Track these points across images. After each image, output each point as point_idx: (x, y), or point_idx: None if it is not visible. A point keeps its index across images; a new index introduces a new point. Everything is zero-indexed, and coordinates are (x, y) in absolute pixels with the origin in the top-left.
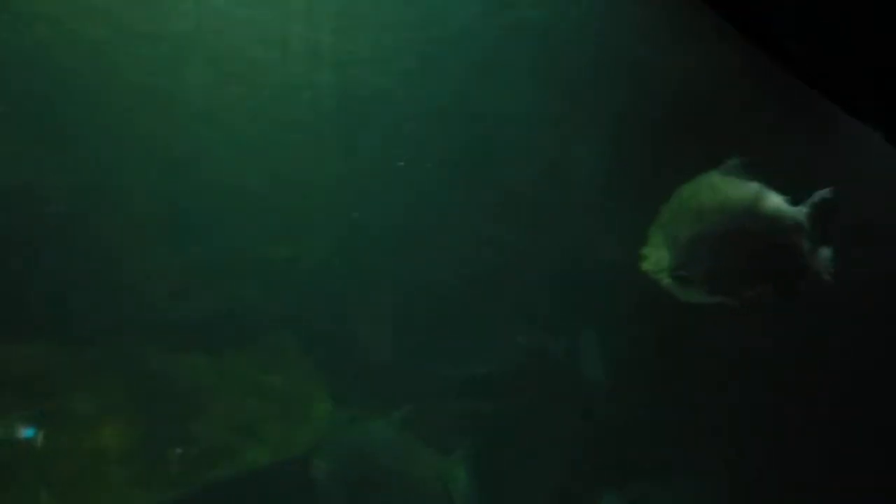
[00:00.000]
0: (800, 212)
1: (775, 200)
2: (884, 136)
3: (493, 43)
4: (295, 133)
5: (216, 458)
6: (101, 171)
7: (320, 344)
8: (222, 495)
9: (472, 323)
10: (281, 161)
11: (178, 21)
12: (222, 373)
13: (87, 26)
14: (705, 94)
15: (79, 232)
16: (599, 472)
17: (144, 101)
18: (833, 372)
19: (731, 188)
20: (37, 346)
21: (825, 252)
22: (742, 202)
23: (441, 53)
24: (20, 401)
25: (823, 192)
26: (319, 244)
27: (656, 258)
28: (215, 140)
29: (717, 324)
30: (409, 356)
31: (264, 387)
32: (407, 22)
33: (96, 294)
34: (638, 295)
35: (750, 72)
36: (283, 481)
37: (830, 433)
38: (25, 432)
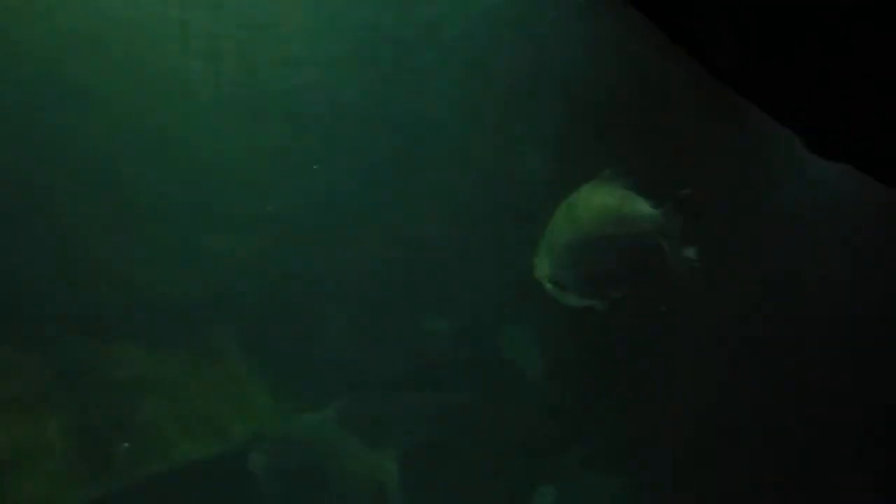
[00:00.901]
0: (659, 214)
1: (638, 205)
2: (803, 141)
3: (421, 44)
4: (228, 127)
5: (151, 451)
6: (31, 165)
7: (258, 336)
8: (157, 489)
9: (405, 317)
10: (215, 154)
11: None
12: (159, 365)
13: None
14: (637, 101)
15: (11, 222)
16: (533, 464)
17: (66, 96)
18: (770, 368)
19: (600, 197)
20: None
21: (687, 250)
22: (607, 209)
23: (367, 52)
24: None
25: (683, 193)
26: (256, 235)
27: (540, 266)
28: (142, 133)
29: (651, 319)
30: (347, 349)
31: (201, 380)
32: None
33: (30, 283)
34: None
35: (681, 80)
36: (219, 475)
37: (765, 428)
38: None
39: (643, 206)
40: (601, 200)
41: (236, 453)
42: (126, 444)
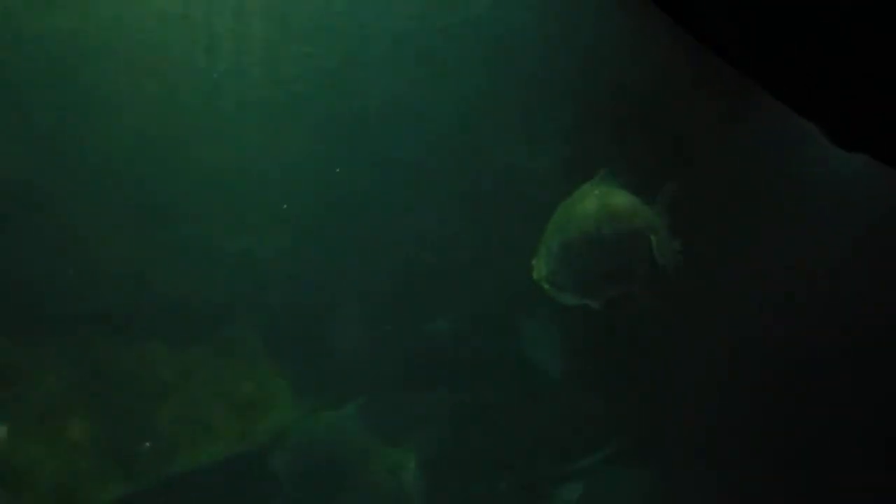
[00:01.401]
0: (651, 210)
1: (630, 204)
2: (824, 133)
3: (436, 43)
4: (248, 125)
5: (175, 450)
6: (51, 167)
7: (279, 335)
8: (181, 488)
9: (425, 315)
10: (233, 152)
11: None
12: (181, 365)
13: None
14: (656, 95)
15: (32, 223)
16: (555, 462)
17: (86, 98)
18: (788, 365)
19: (594, 197)
20: None
21: (673, 245)
22: (600, 209)
23: (384, 51)
24: None
25: (671, 187)
26: (276, 235)
27: (538, 267)
28: (162, 135)
29: (670, 315)
30: (367, 348)
31: (223, 379)
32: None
33: (52, 284)
34: None
35: (699, 72)
36: (242, 474)
37: (789, 424)
38: None
39: (636, 204)
40: (595, 201)
41: (258, 452)
42: (148, 444)
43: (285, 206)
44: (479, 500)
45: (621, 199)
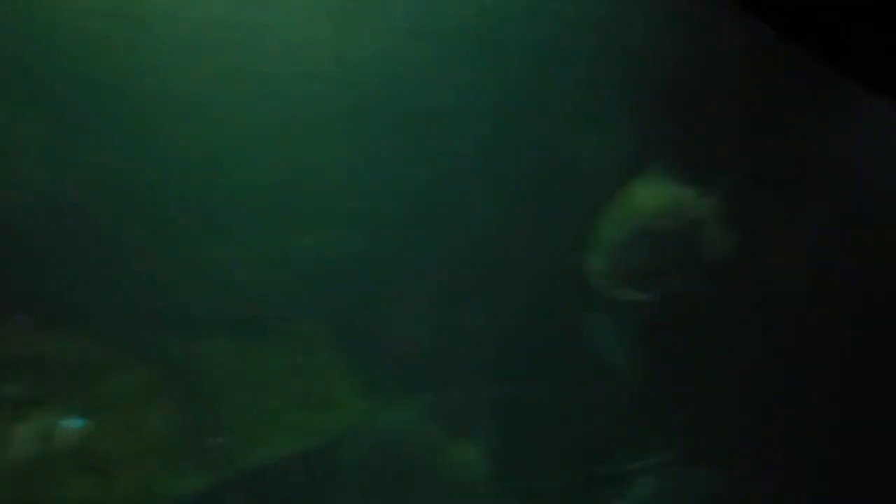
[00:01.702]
0: (704, 204)
1: (683, 197)
2: None
3: (497, 38)
4: (312, 126)
5: (245, 446)
6: (125, 167)
7: (347, 332)
8: (252, 483)
9: (490, 310)
10: (298, 153)
11: (180, 23)
12: (250, 363)
13: (94, 23)
14: (712, 81)
15: (108, 225)
16: (623, 457)
17: (163, 101)
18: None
19: (647, 192)
20: (68, 337)
21: (727, 238)
22: (652, 204)
23: (444, 48)
24: (57, 391)
25: (723, 181)
26: (343, 233)
27: (592, 262)
28: (233, 134)
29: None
30: (435, 343)
31: (294, 375)
32: (409, 17)
33: (125, 285)
34: None
35: (756, 52)
36: (314, 468)
37: (846, 425)
38: (67, 421)
39: (689, 198)
40: (649, 195)
41: (328, 447)
42: (220, 440)
43: (352, 203)
44: (547, 493)
45: (675, 193)
